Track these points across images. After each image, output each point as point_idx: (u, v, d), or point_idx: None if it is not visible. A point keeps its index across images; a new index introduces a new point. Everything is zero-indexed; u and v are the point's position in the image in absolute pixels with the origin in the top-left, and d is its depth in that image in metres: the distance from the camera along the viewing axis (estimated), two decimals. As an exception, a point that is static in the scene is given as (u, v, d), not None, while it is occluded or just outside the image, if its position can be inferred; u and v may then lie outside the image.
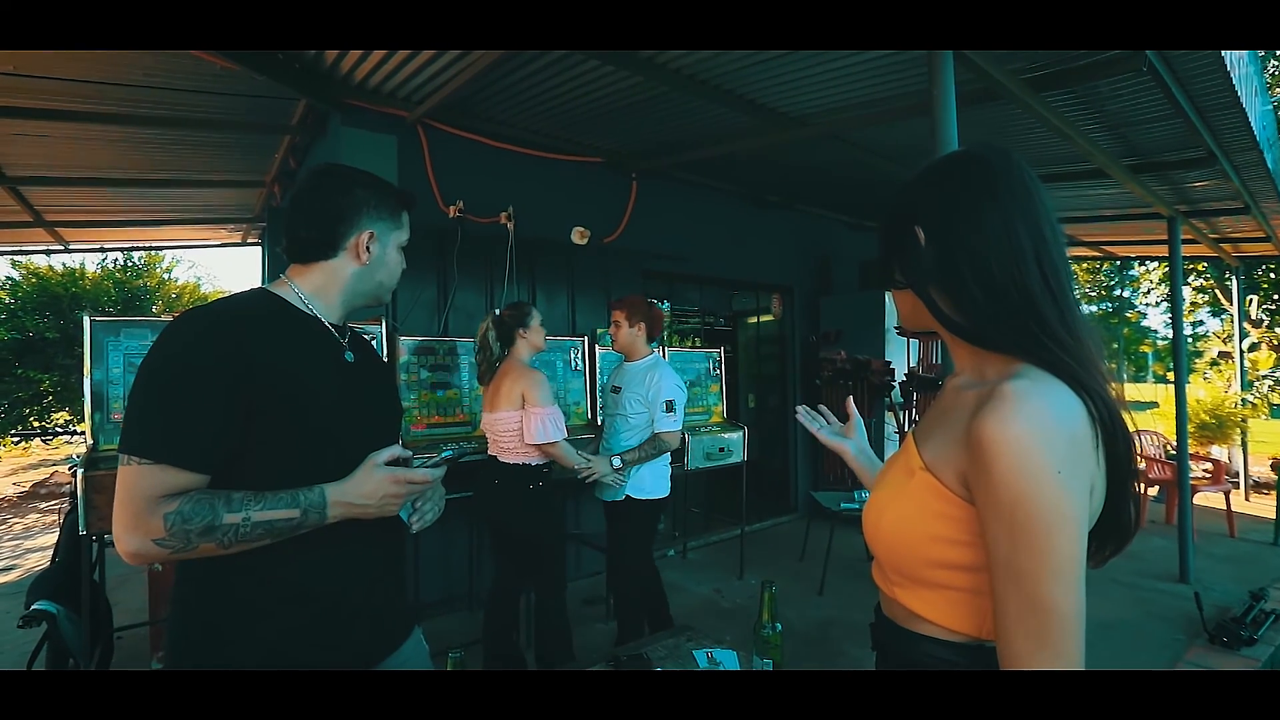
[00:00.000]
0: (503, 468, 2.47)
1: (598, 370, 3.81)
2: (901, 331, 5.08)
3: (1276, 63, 9.06)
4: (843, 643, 3.08)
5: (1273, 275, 9.51)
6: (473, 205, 3.48)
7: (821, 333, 5.58)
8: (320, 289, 1.08)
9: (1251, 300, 9.51)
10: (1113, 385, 0.67)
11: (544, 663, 2.51)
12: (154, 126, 3.35)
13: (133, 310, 8.42)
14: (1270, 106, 3.86)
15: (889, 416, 4.92)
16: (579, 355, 3.75)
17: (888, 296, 5.45)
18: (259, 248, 6.44)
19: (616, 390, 2.79)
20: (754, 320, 6.55)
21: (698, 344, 6.61)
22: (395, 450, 1.02)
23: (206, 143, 3.75)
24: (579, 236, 3.89)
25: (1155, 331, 24.54)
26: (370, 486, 0.97)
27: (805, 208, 5.52)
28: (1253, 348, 9.35)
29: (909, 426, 4.54)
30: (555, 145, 3.81)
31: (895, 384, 4.91)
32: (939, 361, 4.93)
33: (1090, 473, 0.63)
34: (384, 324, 2.93)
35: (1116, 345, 24.94)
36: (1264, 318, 9.75)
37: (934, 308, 0.75)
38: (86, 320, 2.34)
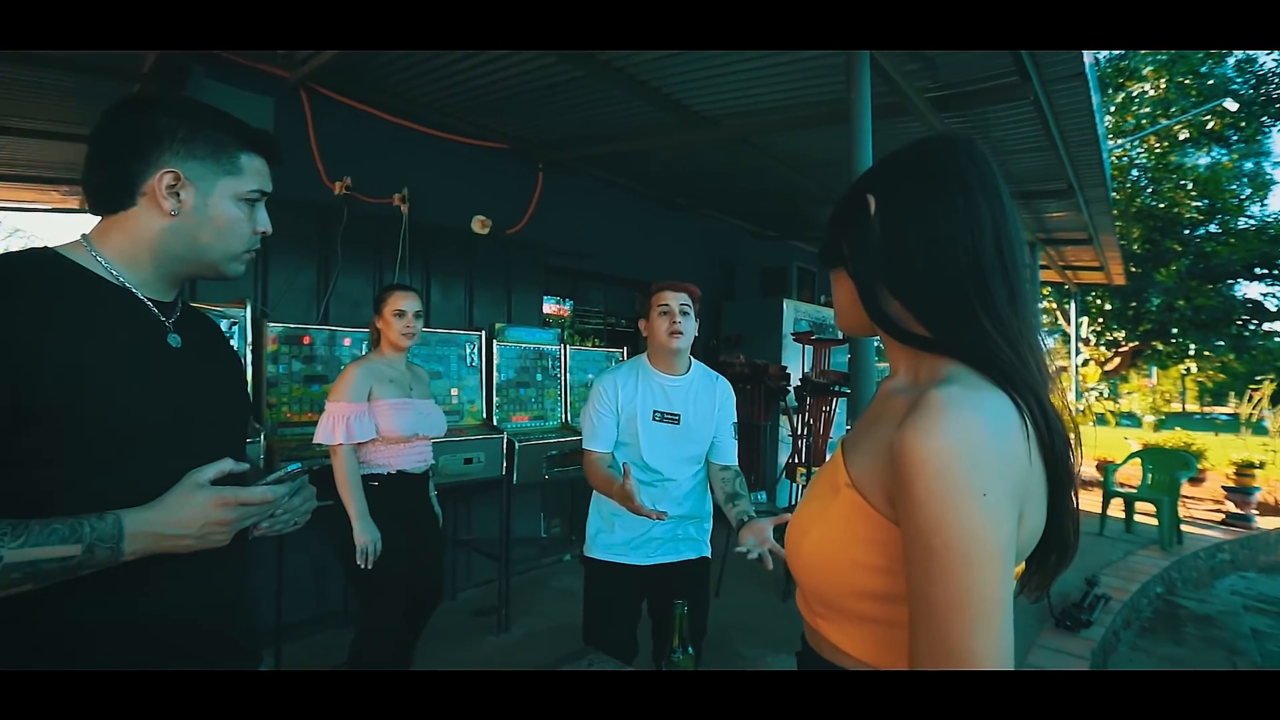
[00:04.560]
0: None
1: (494, 366, 3.61)
2: (807, 342, 5.29)
3: (1111, 116, 10.40)
4: (738, 645, 3.09)
5: (1099, 302, 10.89)
6: (362, 183, 3.17)
7: (722, 336, 5.67)
8: (125, 252, 0.83)
9: (1083, 322, 10.85)
10: (1052, 385, 0.62)
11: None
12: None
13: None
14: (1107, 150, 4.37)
15: (784, 420, 5.08)
16: (475, 350, 3.53)
17: (785, 304, 5.64)
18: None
19: (674, 419, 1.88)
20: (640, 322, 6.56)
21: (599, 344, 6.52)
22: (224, 465, 0.82)
23: (29, 81, 3.15)
24: (480, 226, 3.67)
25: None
26: (188, 511, 0.77)
27: (712, 213, 5.59)
28: (1085, 363, 10.67)
29: (802, 430, 4.70)
30: (458, 127, 3.57)
31: (790, 389, 5.07)
32: (831, 367, 5.16)
33: (1022, 494, 0.57)
34: (249, 307, 2.58)
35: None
36: (1091, 338, 11.17)
37: (869, 293, 0.68)
38: None
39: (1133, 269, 9.51)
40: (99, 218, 0.85)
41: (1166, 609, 4.35)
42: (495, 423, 3.52)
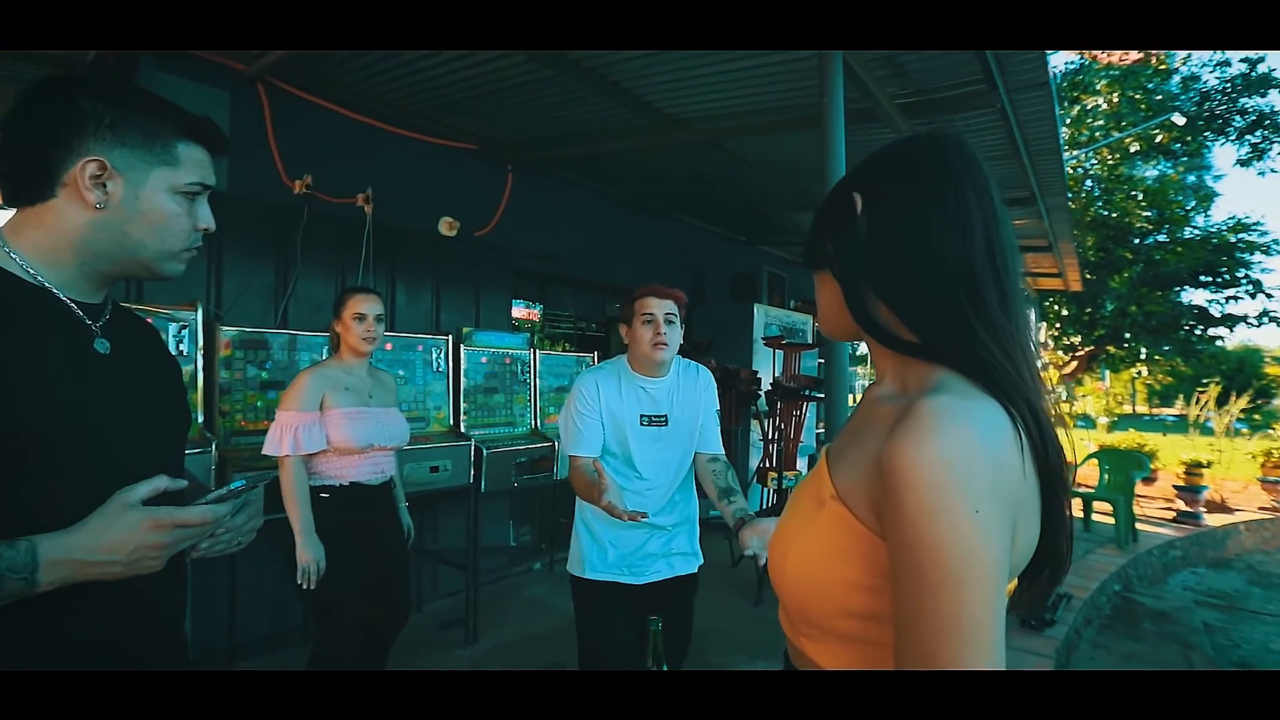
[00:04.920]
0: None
1: (461, 372, 3.52)
2: (778, 347, 5.31)
3: (1067, 128, 10.78)
4: (709, 652, 3.06)
5: (1056, 307, 11.25)
6: (324, 182, 3.07)
7: (693, 341, 5.66)
8: (44, 248, 0.76)
9: (1041, 327, 11.20)
10: (1045, 392, 0.60)
11: None
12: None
13: None
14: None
15: (755, 425, 5.09)
16: (441, 355, 3.44)
17: (756, 308, 5.67)
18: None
19: (661, 421, 1.83)
20: (621, 327, 6.53)
21: (569, 349, 6.45)
22: (159, 482, 0.74)
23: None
24: (447, 228, 3.59)
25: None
26: (117, 535, 0.70)
27: (683, 218, 5.59)
28: (1044, 367, 11.00)
29: (773, 435, 4.71)
30: (425, 126, 3.49)
31: (761, 393, 5.09)
32: (801, 372, 5.19)
33: (1016, 508, 0.54)
34: (201, 310, 2.46)
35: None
36: (1049, 342, 11.53)
37: (855, 296, 0.65)
38: None
39: (1088, 276, 9.85)
40: (14, 210, 0.77)
41: (1125, 606, 4.48)
42: (463, 429, 3.43)
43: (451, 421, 3.44)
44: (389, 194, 3.31)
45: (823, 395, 5.98)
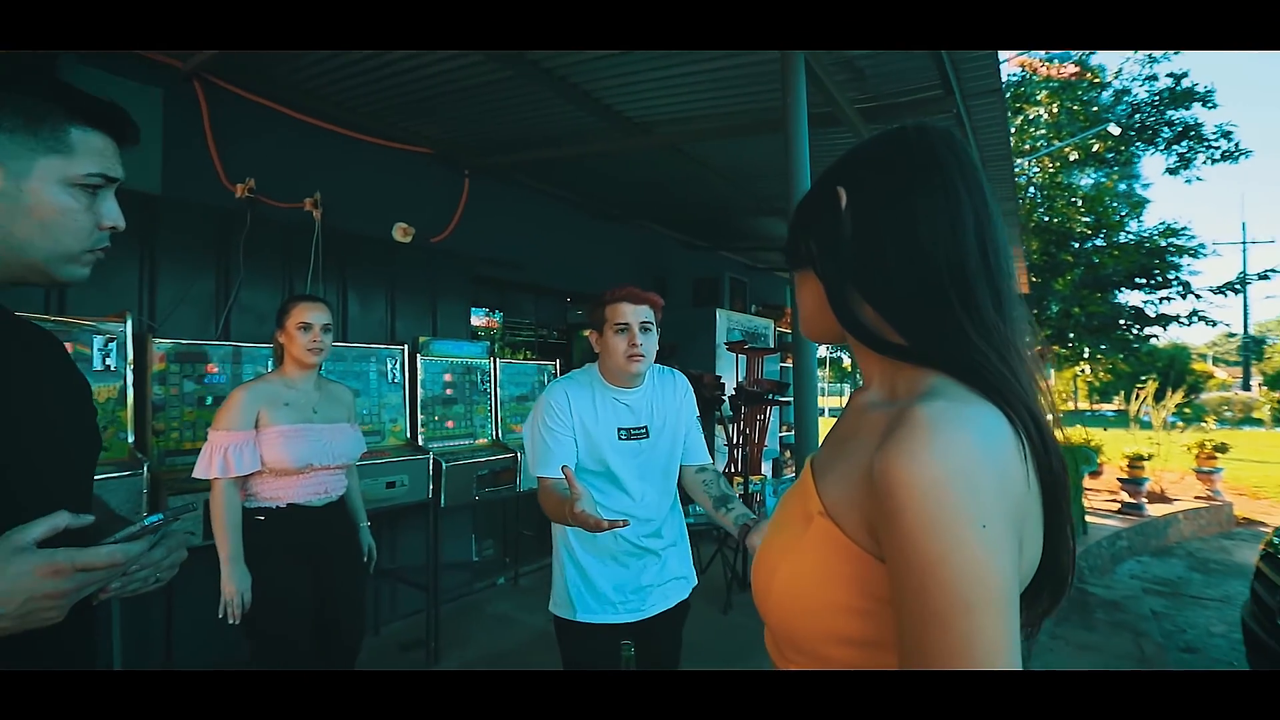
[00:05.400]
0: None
1: (418, 383, 3.39)
2: (740, 351, 5.32)
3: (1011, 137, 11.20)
4: (679, 668, 3.01)
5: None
6: (269, 186, 2.92)
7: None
8: None
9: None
10: (1042, 394, 0.56)
11: None
12: None
13: None
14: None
15: (719, 430, 5.08)
16: (397, 366, 3.31)
17: (719, 313, 5.68)
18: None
19: (642, 434, 1.67)
20: (589, 333, 6.46)
21: (530, 357, 6.35)
22: (58, 520, 0.64)
23: None
24: (401, 234, 3.47)
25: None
26: (4, 584, 0.59)
27: (644, 223, 5.56)
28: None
29: (738, 439, 4.71)
30: (377, 129, 3.36)
31: (725, 398, 5.08)
32: (765, 376, 5.21)
33: (1022, 519, 0.50)
34: (130, 321, 2.29)
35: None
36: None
37: (839, 297, 0.61)
38: None
39: (1034, 279, 10.25)
40: None
41: (1078, 596, 4.61)
42: (420, 442, 3.30)
43: (408, 434, 3.31)
44: (340, 199, 3.18)
45: (786, 399, 6.03)
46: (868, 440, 0.56)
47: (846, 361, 26.95)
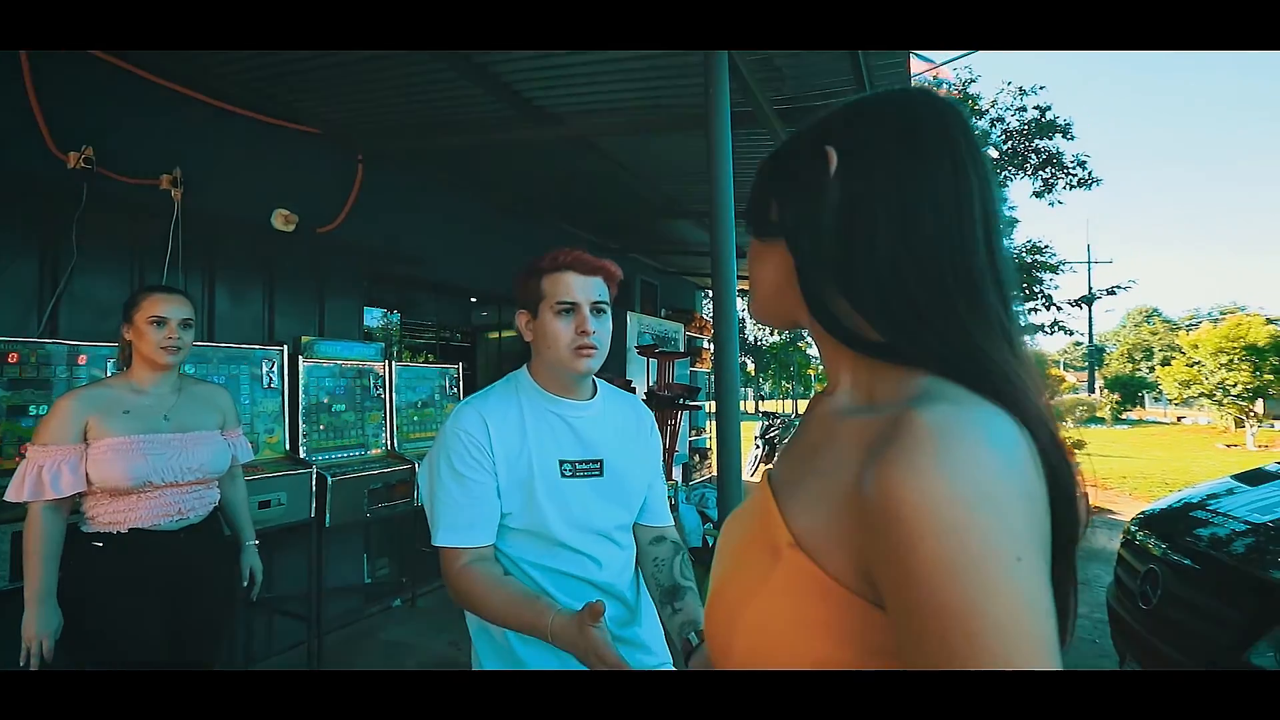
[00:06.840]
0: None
1: (300, 388, 3.04)
2: (651, 355, 5.24)
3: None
4: None
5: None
6: (114, 158, 2.50)
7: (567, 350, 5.47)
8: None
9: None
10: (1052, 405, 0.47)
11: None
12: None
13: None
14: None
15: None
16: (274, 369, 2.95)
17: (630, 316, 5.59)
18: None
19: (594, 470, 1.16)
20: (495, 335, 6.19)
21: (432, 360, 6.01)
22: None
23: None
24: (283, 221, 3.11)
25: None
26: None
27: (555, 221, 5.37)
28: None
29: (651, 445, 4.62)
30: (254, 101, 2.98)
31: (637, 403, 5.01)
32: (676, 380, 5.18)
33: (1046, 546, 0.40)
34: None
35: (793, 368, 30.23)
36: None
37: (812, 277, 0.51)
38: None
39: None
40: None
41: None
42: (301, 454, 2.96)
43: (288, 446, 2.95)
44: (207, 179, 2.79)
45: (697, 404, 6.03)
46: (847, 454, 0.46)
47: (751, 366, 27.86)
